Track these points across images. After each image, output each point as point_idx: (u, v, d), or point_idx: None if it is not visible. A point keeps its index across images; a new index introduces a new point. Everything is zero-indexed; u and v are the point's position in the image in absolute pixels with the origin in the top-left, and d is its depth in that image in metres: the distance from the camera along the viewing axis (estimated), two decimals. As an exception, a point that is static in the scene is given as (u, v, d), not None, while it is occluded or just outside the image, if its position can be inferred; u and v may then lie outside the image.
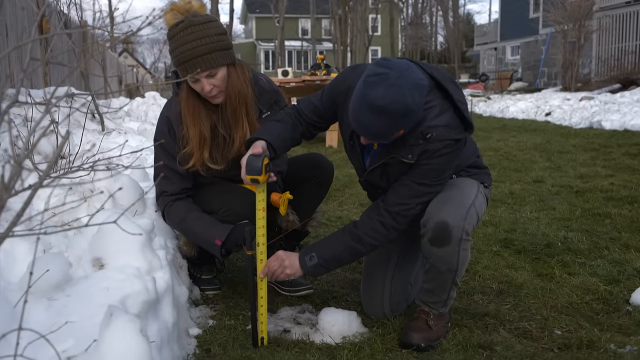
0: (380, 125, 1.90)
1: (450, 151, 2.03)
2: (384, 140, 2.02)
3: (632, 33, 17.73)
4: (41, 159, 3.13)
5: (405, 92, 1.84)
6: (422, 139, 2.01)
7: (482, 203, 2.23)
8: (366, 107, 1.88)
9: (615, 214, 3.95)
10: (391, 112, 1.85)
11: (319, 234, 3.51)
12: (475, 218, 2.11)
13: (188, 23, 2.22)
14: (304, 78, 8.30)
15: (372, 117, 1.89)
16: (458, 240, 2.03)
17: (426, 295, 2.24)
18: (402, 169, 2.11)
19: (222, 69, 2.27)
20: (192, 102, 2.35)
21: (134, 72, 23.03)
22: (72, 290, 1.69)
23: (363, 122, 1.93)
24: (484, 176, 2.34)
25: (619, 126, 9.31)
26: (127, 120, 6.40)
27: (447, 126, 2.01)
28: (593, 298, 2.54)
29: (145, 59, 53.54)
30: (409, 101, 1.85)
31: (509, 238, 3.44)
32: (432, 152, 2.02)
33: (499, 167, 6.13)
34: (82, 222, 2.22)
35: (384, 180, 2.18)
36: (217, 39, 2.24)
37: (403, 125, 1.93)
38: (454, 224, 2.01)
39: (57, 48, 5.55)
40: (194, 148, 2.35)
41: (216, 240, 2.26)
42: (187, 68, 2.23)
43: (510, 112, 14.11)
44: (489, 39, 29.73)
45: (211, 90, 2.27)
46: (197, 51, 2.21)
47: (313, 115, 2.30)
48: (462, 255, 2.08)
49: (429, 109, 2.01)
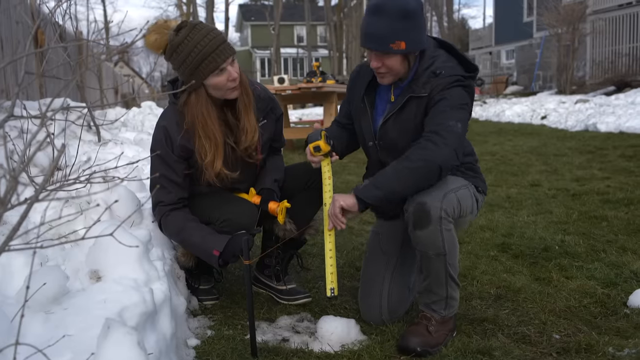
0: (381, 27, 2.08)
1: (462, 85, 2.16)
2: (384, 47, 2.11)
3: (626, 36, 17.83)
4: (37, 171, 3.14)
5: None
6: (434, 76, 2.16)
7: (468, 197, 2.23)
8: (368, 11, 2.12)
9: (611, 216, 3.96)
10: (389, 10, 2.06)
11: (316, 241, 3.51)
12: (455, 202, 2.13)
13: (190, 24, 2.25)
14: (300, 85, 8.31)
15: (373, 18, 2.10)
16: (438, 219, 2.06)
17: (425, 296, 2.24)
18: (417, 112, 2.19)
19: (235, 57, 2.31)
20: (206, 106, 2.32)
21: (129, 82, 23.02)
22: (70, 303, 1.69)
23: (366, 28, 2.12)
24: (478, 181, 2.36)
25: (614, 128, 9.34)
26: (124, 130, 6.40)
27: (454, 67, 2.19)
28: (591, 301, 2.55)
29: (141, 67, 53.55)
30: (407, 2, 2.08)
31: (507, 242, 3.45)
32: (445, 85, 2.14)
33: (495, 171, 6.15)
34: (79, 234, 2.22)
35: (396, 131, 2.25)
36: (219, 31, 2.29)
37: (403, 33, 2.08)
38: (431, 204, 2.06)
39: (52, 61, 5.56)
40: (214, 155, 2.34)
41: (214, 250, 2.26)
42: (215, 58, 2.23)
43: (506, 115, 14.14)
44: (484, 43, 29.84)
45: (237, 77, 2.29)
46: (219, 39, 2.24)
47: (343, 118, 2.53)
48: (447, 237, 2.09)
49: (436, 57, 2.20)
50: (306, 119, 17.94)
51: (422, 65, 2.21)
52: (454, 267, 2.17)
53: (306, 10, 40.14)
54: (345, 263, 3.20)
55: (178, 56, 2.23)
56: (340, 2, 41.14)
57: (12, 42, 5.39)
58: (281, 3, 40.03)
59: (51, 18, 5.54)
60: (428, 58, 2.21)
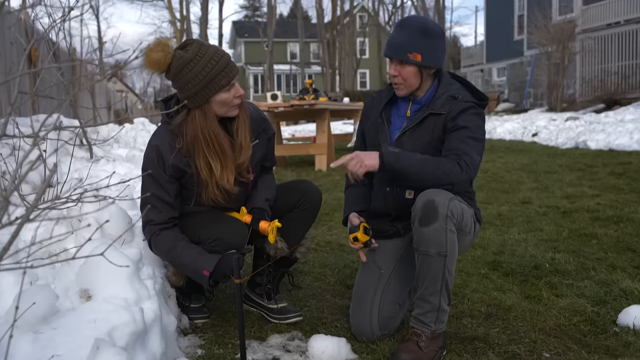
0: (401, 35, 2.37)
1: (476, 112, 2.38)
2: (401, 55, 2.36)
3: (614, 54, 18.06)
4: (29, 188, 3.13)
5: (428, 19, 2.47)
6: (452, 99, 2.38)
7: (469, 215, 2.33)
8: (395, 26, 2.44)
9: (601, 234, 3.99)
10: (412, 25, 2.37)
11: (308, 259, 3.52)
12: (459, 210, 2.22)
13: (197, 42, 2.28)
14: (292, 102, 8.34)
15: (396, 31, 2.40)
16: (444, 217, 2.15)
17: (418, 306, 2.26)
18: (435, 127, 2.39)
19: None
20: (214, 122, 2.33)
21: (123, 97, 23.03)
22: (59, 323, 1.68)
23: (390, 39, 2.42)
24: (476, 210, 2.49)
25: (604, 146, 9.43)
26: (116, 147, 6.40)
27: (468, 95, 2.43)
28: (581, 320, 2.56)
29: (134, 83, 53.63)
30: (429, 22, 2.42)
31: (497, 260, 3.46)
32: (462, 108, 2.35)
33: (487, 188, 6.18)
34: (69, 253, 2.21)
35: (411, 144, 2.41)
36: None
37: (420, 46, 2.34)
38: (440, 202, 2.16)
39: (45, 80, 5.57)
40: (225, 170, 2.36)
41: (204, 271, 2.25)
42: (228, 73, 2.27)
43: (497, 133, 14.24)
44: (475, 60, 30.08)
45: (243, 94, 2.36)
46: (227, 56, 2.30)
47: (361, 144, 2.68)
48: (450, 238, 2.17)
49: (452, 85, 2.46)
50: (299, 136, 18.00)
51: (440, 90, 2.44)
52: (450, 274, 2.21)
53: (299, 27, 40.45)
54: (336, 281, 3.20)
55: (188, 72, 2.23)
56: (334, 20, 41.45)
57: (5, 60, 5.39)
58: (274, 20, 40.33)
59: (45, 35, 5.56)
60: (445, 84, 2.46)
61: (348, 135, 12.76)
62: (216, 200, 2.42)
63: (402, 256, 2.51)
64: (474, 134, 2.33)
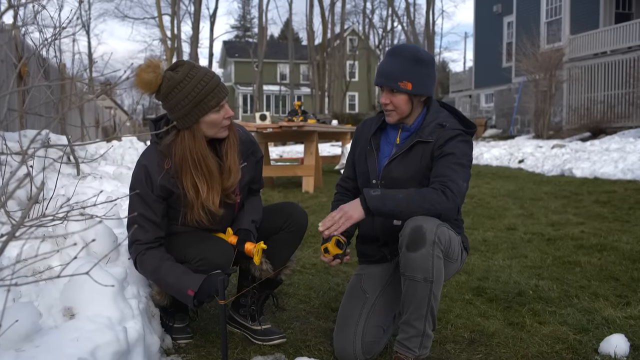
0: (393, 64, 2.41)
1: (464, 139, 2.41)
2: (392, 84, 2.41)
3: (600, 83, 18.34)
4: (15, 204, 3.12)
5: (419, 47, 2.51)
6: (440, 127, 2.43)
7: (456, 243, 2.36)
8: (386, 54, 2.49)
9: (585, 262, 4.03)
10: (403, 53, 2.41)
11: (293, 281, 3.52)
12: (447, 236, 2.25)
13: (188, 63, 2.30)
14: (281, 124, 8.38)
15: (389, 59, 2.44)
16: (431, 243, 2.16)
17: (403, 331, 2.28)
18: (423, 155, 2.43)
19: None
20: (203, 143, 2.35)
21: (112, 115, 22.99)
22: (42, 341, 1.67)
23: (381, 67, 2.46)
24: (463, 238, 2.54)
25: (589, 174, 9.54)
26: (103, 164, 6.37)
27: (456, 122, 2.48)
28: (563, 347, 2.58)
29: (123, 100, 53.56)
30: (420, 51, 2.44)
31: (482, 286, 3.48)
32: (450, 136, 2.39)
33: (473, 214, 6.22)
34: (54, 270, 2.21)
35: (399, 171, 2.47)
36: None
37: (411, 75, 2.39)
38: (428, 228, 2.19)
39: (35, 98, 5.56)
40: (211, 192, 2.37)
41: (189, 290, 2.25)
42: (218, 93, 2.29)
43: (484, 158, 14.35)
44: (464, 86, 30.40)
45: (232, 115, 2.38)
46: (217, 77, 2.32)
47: (349, 178, 2.76)
48: (437, 264, 2.19)
49: (440, 113, 2.51)
50: (287, 157, 18.03)
51: (428, 118, 2.49)
52: (436, 299, 2.23)
53: (290, 49, 40.76)
54: (321, 304, 3.20)
55: (179, 92, 2.25)
56: (324, 42, 41.83)
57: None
58: (265, 41, 40.60)
59: (35, 51, 5.57)
60: (434, 112, 2.50)
61: (336, 158, 12.82)
62: (200, 221, 2.42)
63: (389, 282, 2.53)
64: (460, 159, 2.36)
